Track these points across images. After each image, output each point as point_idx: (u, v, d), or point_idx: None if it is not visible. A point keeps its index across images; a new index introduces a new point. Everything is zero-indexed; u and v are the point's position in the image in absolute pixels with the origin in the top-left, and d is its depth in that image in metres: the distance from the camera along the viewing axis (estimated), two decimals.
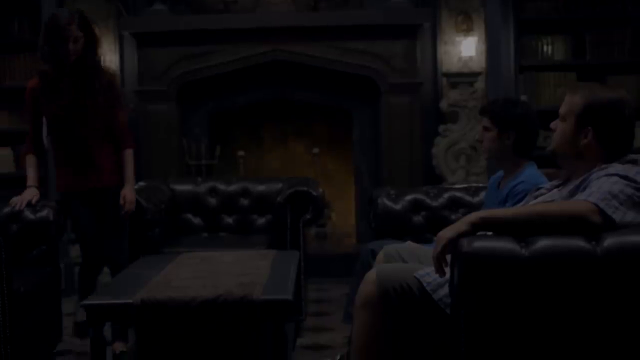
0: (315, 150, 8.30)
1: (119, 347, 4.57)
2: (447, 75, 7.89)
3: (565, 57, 7.40)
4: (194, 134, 8.10)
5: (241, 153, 8.20)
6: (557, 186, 3.33)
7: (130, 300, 3.44)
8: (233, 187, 6.27)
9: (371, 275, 3.30)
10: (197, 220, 6.22)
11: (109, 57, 7.95)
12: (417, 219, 5.19)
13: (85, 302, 3.50)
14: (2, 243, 3.78)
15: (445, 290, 3.10)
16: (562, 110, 3.23)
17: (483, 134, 4.31)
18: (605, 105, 3.15)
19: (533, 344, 2.76)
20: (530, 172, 4.20)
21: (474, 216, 2.93)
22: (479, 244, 2.78)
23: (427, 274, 3.20)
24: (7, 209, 4.76)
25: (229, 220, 6.23)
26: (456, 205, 5.19)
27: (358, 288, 4.11)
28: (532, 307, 2.74)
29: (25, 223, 4.76)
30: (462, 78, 7.86)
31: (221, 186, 6.29)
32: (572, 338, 2.77)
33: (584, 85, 3.44)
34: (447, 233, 2.92)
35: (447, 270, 2.95)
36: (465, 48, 7.80)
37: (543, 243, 2.74)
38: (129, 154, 4.86)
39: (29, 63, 7.39)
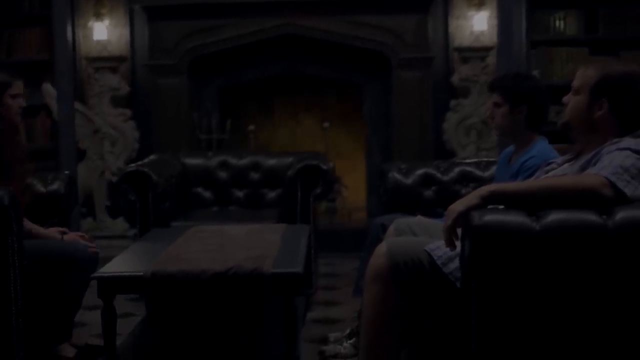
0: (326, 124, 8.29)
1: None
2: (459, 49, 7.87)
3: (578, 32, 7.34)
4: (204, 108, 8.10)
5: (252, 127, 8.20)
6: (569, 160, 3.32)
7: (141, 273, 3.45)
8: (244, 161, 6.27)
9: (382, 248, 3.30)
10: (207, 194, 6.23)
11: (119, 31, 7.95)
12: (428, 193, 5.18)
13: (96, 274, 3.51)
14: (13, 216, 3.78)
15: (455, 264, 3.10)
16: (576, 83, 3.22)
17: (494, 110, 4.27)
18: (620, 78, 3.13)
19: (543, 318, 2.76)
20: (542, 147, 4.18)
21: (484, 190, 2.92)
22: (490, 217, 2.77)
23: (438, 248, 3.19)
24: None
25: (240, 194, 6.23)
26: (467, 179, 5.18)
27: (368, 262, 4.12)
28: (543, 280, 2.74)
29: (36, 196, 4.76)
30: (474, 53, 7.84)
31: (232, 160, 6.28)
32: (583, 311, 2.76)
33: (597, 59, 3.43)
34: (457, 206, 2.91)
35: (458, 243, 2.94)
36: (477, 22, 7.77)
37: (554, 217, 2.72)
38: None
39: (39, 37, 7.40)
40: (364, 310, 3.36)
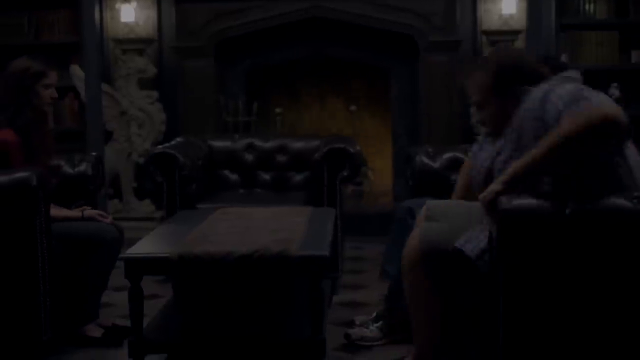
0: (353, 107, 8.27)
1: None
2: (487, 33, 7.81)
3: (608, 15, 7.28)
4: (231, 90, 8.09)
5: (278, 110, 8.19)
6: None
7: (168, 254, 3.45)
8: (270, 144, 6.26)
9: (414, 240, 3.31)
10: (233, 177, 6.22)
11: (147, 13, 7.95)
12: (455, 177, 5.13)
13: (124, 255, 3.52)
14: (41, 197, 3.80)
15: (487, 256, 3.08)
16: (477, 97, 3.43)
17: None
18: (507, 64, 3.38)
19: (572, 302, 2.74)
20: None
21: (506, 174, 2.93)
22: (519, 201, 2.75)
23: (468, 241, 3.17)
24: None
25: (266, 176, 6.23)
26: None
27: (396, 245, 4.11)
28: (573, 265, 2.72)
29: (64, 177, 4.79)
30: (502, 36, 7.78)
31: (258, 143, 6.27)
32: (613, 295, 2.74)
33: (464, 70, 3.63)
34: (486, 197, 2.91)
35: None
36: (506, 5, 7.72)
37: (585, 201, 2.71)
38: None
39: (67, 19, 7.42)
40: (407, 298, 3.41)
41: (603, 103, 2.82)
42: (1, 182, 3.74)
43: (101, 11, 7.69)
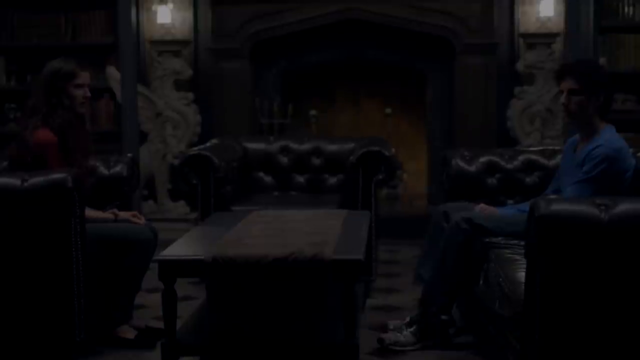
0: (388, 110, 8.25)
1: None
2: (525, 35, 7.75)
3: None
4: (266, 92, 8.09)
5: (313, 112, 8.19)
6: None
7: (202, 257, 3.45)
8: (305, 146, 6.25)
9: None
10: (268, 179, 6.22)
11: (183, 14, 7.98)
12: (491, 181, 5.10)
13: (158, 257, 3.52)
14: (76, 198, 3.81)
15: None
16: None
17: (569, 97, 4.15)
18: None
19: (611, 308, 2.70)
20: (609, 135, 4.10)
21: None
22: (556, 206, 2.71)
23: None
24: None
25: (301, 179, 6.22)
26: (531, 168, 5.09)
27: (429, 249, 4.09)
28: (610, 271, 2.68)
29: (99, 179, 4.80)
30: (540, 39, 7.72)
31: (293, 145, 6.27)
32: None
33: None
34: None
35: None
36: (544, 8, 7.66)
37: (623, 207, 2.67)
38: None
39: (103, 20, 7.46)
40: None
41: None
42: (37, 183, 3.76)
43: (137, 12, 7.71)
